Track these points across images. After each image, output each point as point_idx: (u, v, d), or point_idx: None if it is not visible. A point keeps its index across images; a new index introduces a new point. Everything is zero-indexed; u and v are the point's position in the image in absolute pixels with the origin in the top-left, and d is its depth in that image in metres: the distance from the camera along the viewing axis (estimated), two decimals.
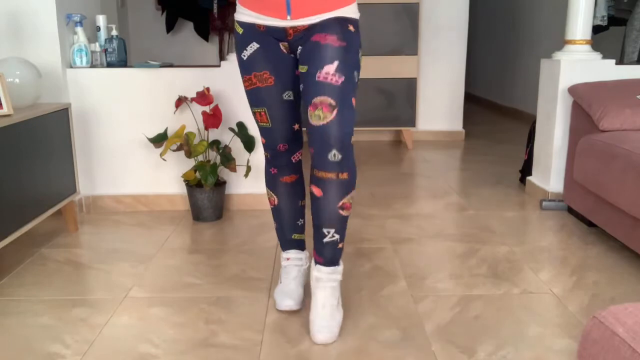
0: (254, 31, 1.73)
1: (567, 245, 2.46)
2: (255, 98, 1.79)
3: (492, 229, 2.66)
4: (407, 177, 3.68)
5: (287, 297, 1.90)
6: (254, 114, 1.82)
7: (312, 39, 1.68)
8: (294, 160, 1.89)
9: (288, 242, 1.98)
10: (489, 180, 3.51)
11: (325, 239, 1.73)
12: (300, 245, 1.99)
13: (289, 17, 1.66)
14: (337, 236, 1.73)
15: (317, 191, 1.69)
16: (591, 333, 0.89)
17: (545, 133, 3.07)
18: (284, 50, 1.74)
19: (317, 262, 1.77)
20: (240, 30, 1.75)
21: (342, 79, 1.63)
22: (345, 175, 1.66)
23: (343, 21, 1.67)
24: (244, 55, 1.75)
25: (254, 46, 1.73)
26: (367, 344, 1.69)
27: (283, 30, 1.70)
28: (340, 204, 1.69)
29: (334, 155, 1.63)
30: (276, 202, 1.94)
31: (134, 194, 2.94)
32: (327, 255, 1.75)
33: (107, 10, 3.41)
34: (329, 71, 1.63)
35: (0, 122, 2.07)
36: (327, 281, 1.76)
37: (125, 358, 1.63)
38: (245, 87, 1.80)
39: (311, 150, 1.67)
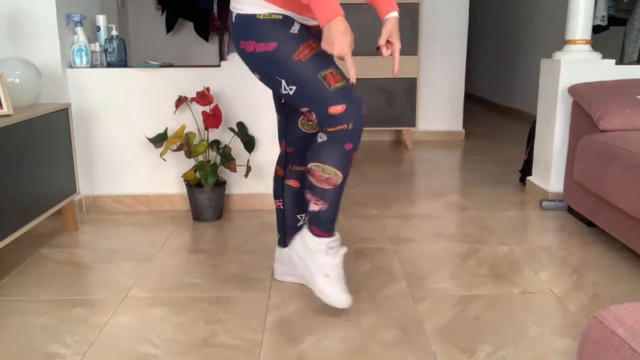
0: (292, 19, 1.75)
1: (567, 245, 2.46)
2: (322, 60, 1.71)
3: (492, 229, 2.66)
4: (407, 177, 3.68)
5: (343, 291, 1.83)
6: (325, 78, 1.69)
7: (323, 45, 1.75)
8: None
9: (332, 223, 1.86)
10: (489, 180, 3.51)
11: (299, 224, 2.04)
12: (335, 228, 1.90)
13: None
14: (305, 218, 2.01)
15: (294, 183, 1.99)
16: (591, 333, 0.89)
17: (545, 133, 3.07)
18: None
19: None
20: (278, 16, 1.72)
21: None
22: None
23: None
24: (294, 30, 1.72)
25: (297, 25, 1.75)
26: (367, 344, 1.69)
27: (311, 27, 1.82)
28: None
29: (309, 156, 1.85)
30: (339, 181, 1.78)
31: (134, 194, 2.94)
32: None
33: (107, 10, 3.41)
34: None
35: (0, 122, 2.07)
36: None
37: (125, 358, 1.63)
38: (305, 55, 1.70)
39: (289, 150, 1.97)
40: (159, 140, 2.74)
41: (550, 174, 2.99)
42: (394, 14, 1.76)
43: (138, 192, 2.94)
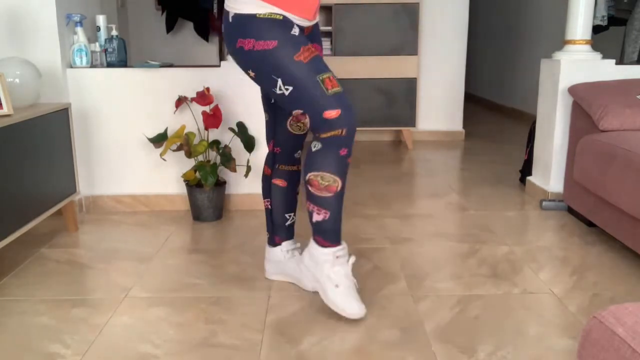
0: (291, 21, 1.76)
1: (567, 245, 2.46)
2: (321, 63, 1.73)
3: (492, 229, 2.66)
4: (407, 177, 3.68)
5: (356, 300, 1.81)
6: (323, 82, 1.69)
7: (312, 46, 1.84)
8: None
9: (337, 232, 1.85)
10: (489, 180, 3.51)
11: (287, 223, 2.09)
12: (341, 237, 1.90)
13: (314, 17, 1.83)
14: (293, 217, 2.07)
15: (282, 183, 2.01)
16: (591, 333, 0.89)
17: (545, 133, 3.07)
18: None
19: (280, 243, 2.08)
20: (279, 17, 1.71)
21: None
22: (300, 167, 2.03)
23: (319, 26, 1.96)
24: (295, 32, 1.73)
25: (297, 29, 1.75)
26: (367, 344, 1.69)
27: (304, 30, 1.83)
28: (297, 190, 2.05)
29: (299, 153, 2.01)
30: (339, 188, 1.77)
31: (134, 194, 2.94)
32: (290, 235, 2.10)
33: (107, 10, 3.41)
34: None
35: (0, 122, 2.07)
36: (294, 250, 2.12)
37: (125, 358, 1.63)
38: (305, 58, 1.70)
39: (277, 150, 1.99)
40: (159, 140, 2.74)
41: (550, 174, 2.99)
42: None
43: (138, 192, 2.94)
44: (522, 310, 1.89)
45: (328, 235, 1.83)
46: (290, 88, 1.70)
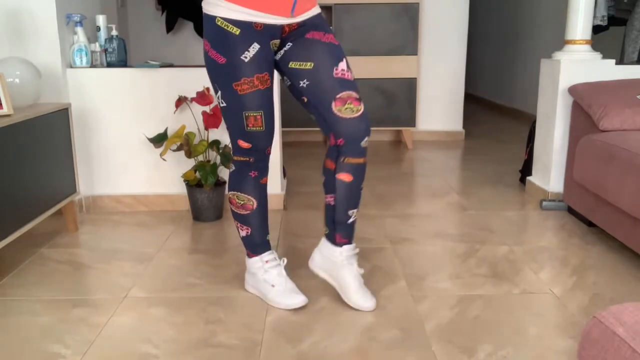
0: (252, 31, 1.69)
1: (567, 245, 2.46)
2: (254, 102, 1.75)
3: (492, 229, 2.66)
4: (407, 176, 3.68)
5: (294, 293, 1.91)
6: (247, 118, 1.76)
7: (307, 36, 1.77)
8: (269, 159, 1.93)
9: (262, 244, 1.98)
10: (489, 180, 3.51)
11: (350, 220, 1.89)
12: (269, 245, 2.01)
13: (292, 14, 1.72)
14: (356, 213, 1.90)
15: (347, 177, 1.83)
16: (591, 333, 0.89)
17: (545, 133, 3.07)
18: (273, 49, 1.79)
19: (342, 244, 1.91)
20: (235, 30, 1.68)
21: (352, 73, 1.82)
22: (366, 159, 1.86)
23: (323, 18, 1.85)
24: (245, 57, 1.69)
25: (255, 47, 1.70)
26: (367, 344, 1.69)
27: (281, 27, 1.75)
28: (362, 184, 1.88)
29: (366, 142, 1.82)
30: (255, 206, 1.91)
31: (134, 194, 2.94)
32: (351, 234, 1.92)
33: (107, 10, 3.41)
34: (343, 68, 1.79)
35: (0, 122, 2.07)
36: (354, 256, 1.93)
37: (125, 358, 1.63)
38: (242, 90, 1.72)
39: (340, 142, 1.79)
40: (159, 140, 2.74)
41: (550, 174, 2.99)
42: None
43: (138, 192, 2.94)
44: (522, 310, 1.89)
45: (254, 248, 1.97)
46: (224, 104, 1.80)
